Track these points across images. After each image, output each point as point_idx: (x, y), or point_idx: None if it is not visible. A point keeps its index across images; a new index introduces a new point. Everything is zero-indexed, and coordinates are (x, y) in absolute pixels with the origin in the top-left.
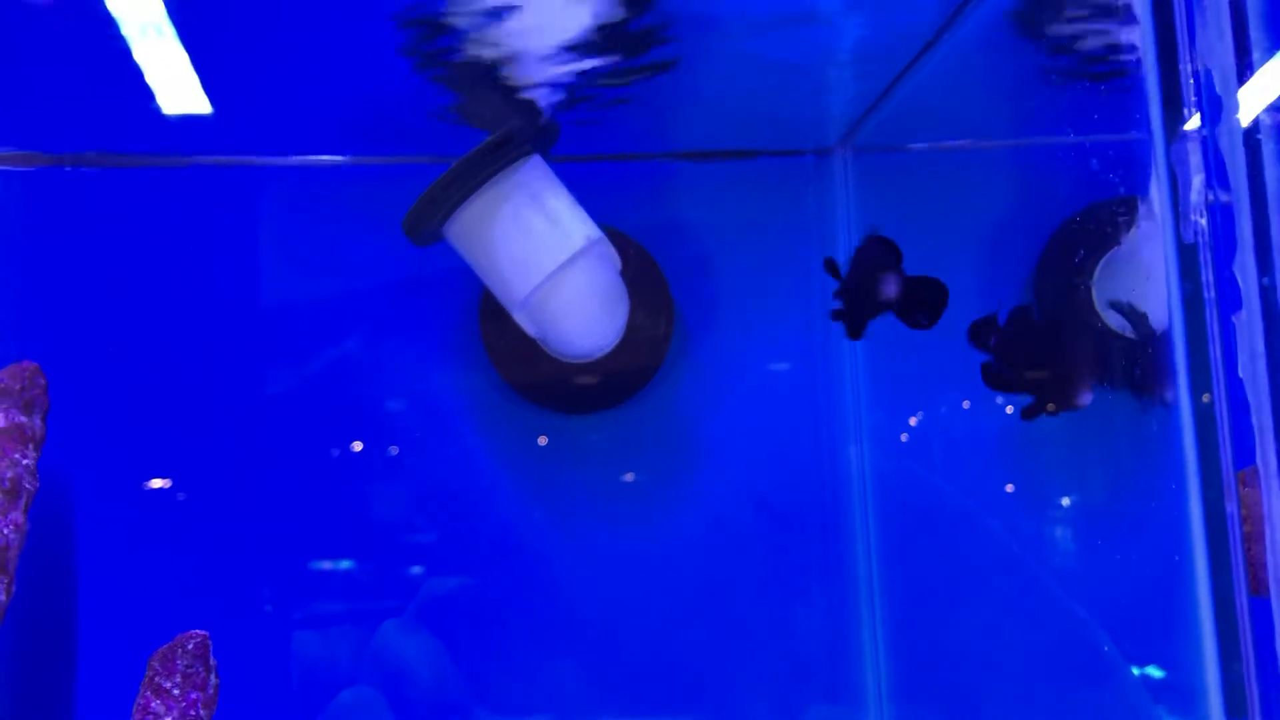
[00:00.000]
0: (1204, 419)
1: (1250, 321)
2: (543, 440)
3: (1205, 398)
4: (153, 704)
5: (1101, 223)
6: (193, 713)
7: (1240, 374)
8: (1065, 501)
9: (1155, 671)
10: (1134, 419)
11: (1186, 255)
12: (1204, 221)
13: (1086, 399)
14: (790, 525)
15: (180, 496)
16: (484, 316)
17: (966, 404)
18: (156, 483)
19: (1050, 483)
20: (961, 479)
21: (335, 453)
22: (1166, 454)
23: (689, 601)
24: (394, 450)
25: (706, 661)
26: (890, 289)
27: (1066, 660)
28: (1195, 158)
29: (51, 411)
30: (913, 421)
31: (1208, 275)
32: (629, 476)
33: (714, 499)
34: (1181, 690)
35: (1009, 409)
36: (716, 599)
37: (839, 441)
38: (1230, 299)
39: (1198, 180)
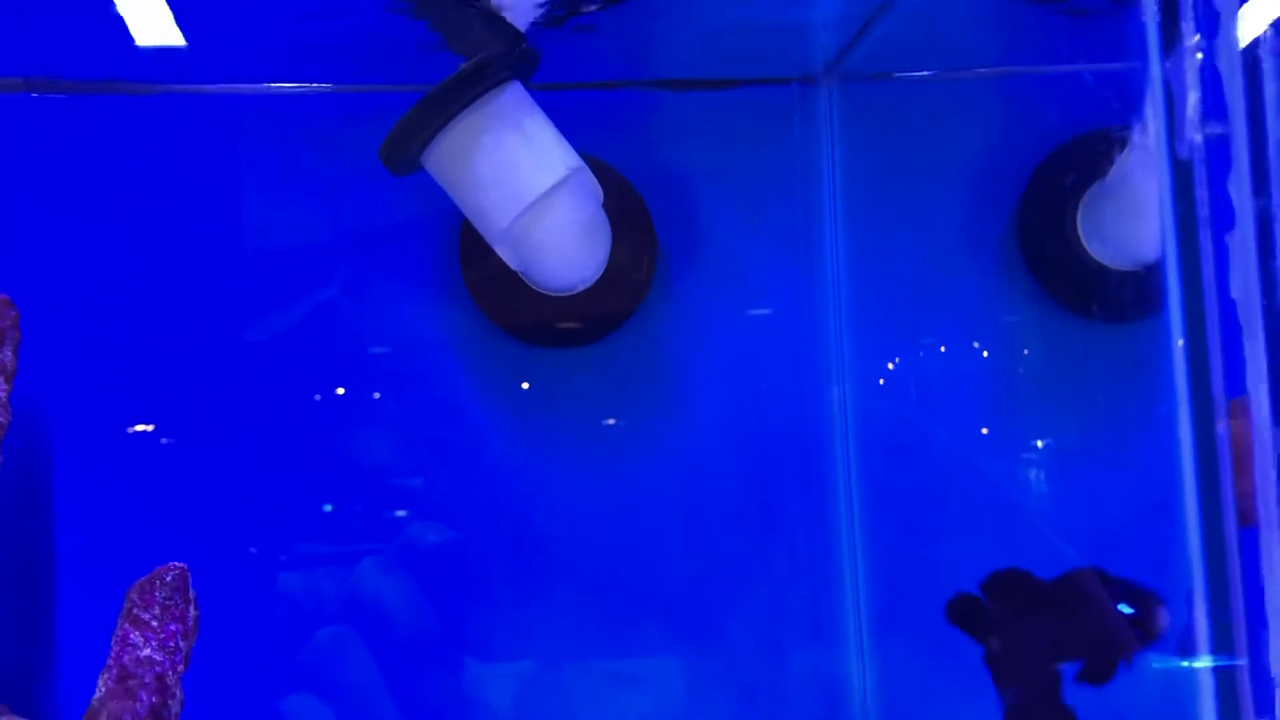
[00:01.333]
0: (1195, 343)
1: (1244, 241)
2: (525, 385)
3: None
4: (131, 635)
5: (1089, 153)
6: (171, 644)
7: (1233, 294)
8: (1047, 440)
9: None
10: (1120, 350)
11: (1181, 172)
12: (1199, 138)
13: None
14: (773, 465)
15: (164, 441)
16: (465, 251)
17: (943, 349)
18: (139, 427)
19: (1036, 419)
20: (945, 417)
21: (318, 397)
22: (1156, 381)
23: (670, 543)
24: (376, 395)
25: (688, 603)
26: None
27: None
28: (1192, 74)
29: (23, 345)
30: (892, 364)
31: (1202, 193)
32: (611, 421)
33: (697, 439)
34: (1172, 627)
35: (985, 353)
36: (698, 540)
37: (822, 380)
38: (1224, 218)
39: (1193, 97)
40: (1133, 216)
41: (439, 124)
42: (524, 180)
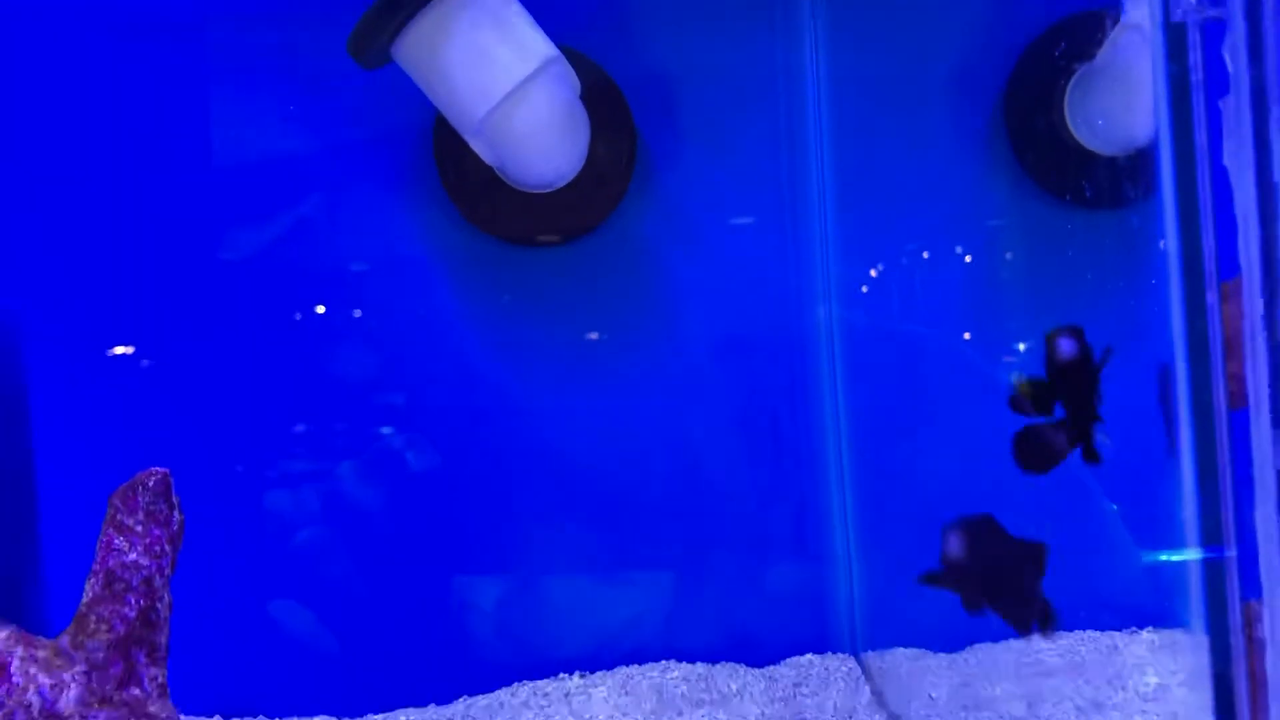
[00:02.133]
0: (1187, 217)
1: (1238, 106)
2: (507, 292)
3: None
4: (116, 541)
5: (1074, 37)
6: (157, 548)
7: (1225, 161)
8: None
9: (1127, 504)
10: (1107, 235)
11: (1174, 35)
12: (1194, 1)
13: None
14: (757, 374)
15: (144, 363)
16: (439, 149)
17: (926, 254)
18: (119, 348)
19: (1024, 315)
20: (932, 321)
21: (298, 315)
22: (1146, 264)
23: (656, 458)
24: (357, 313)
25: (674, 518)
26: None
27: (1042, 494)
28: None
29: None
30: (874, 272)
31: (1196, 57)
32: (594, 327)
33: (681, 347)
34: (1158, 521)
35: (968, 258)
36: (683, 452)
37: (806, 288)
38: (1218, 82)
39: None
40: (1122, 97)
41: (410, 12)
42: (499, 70)
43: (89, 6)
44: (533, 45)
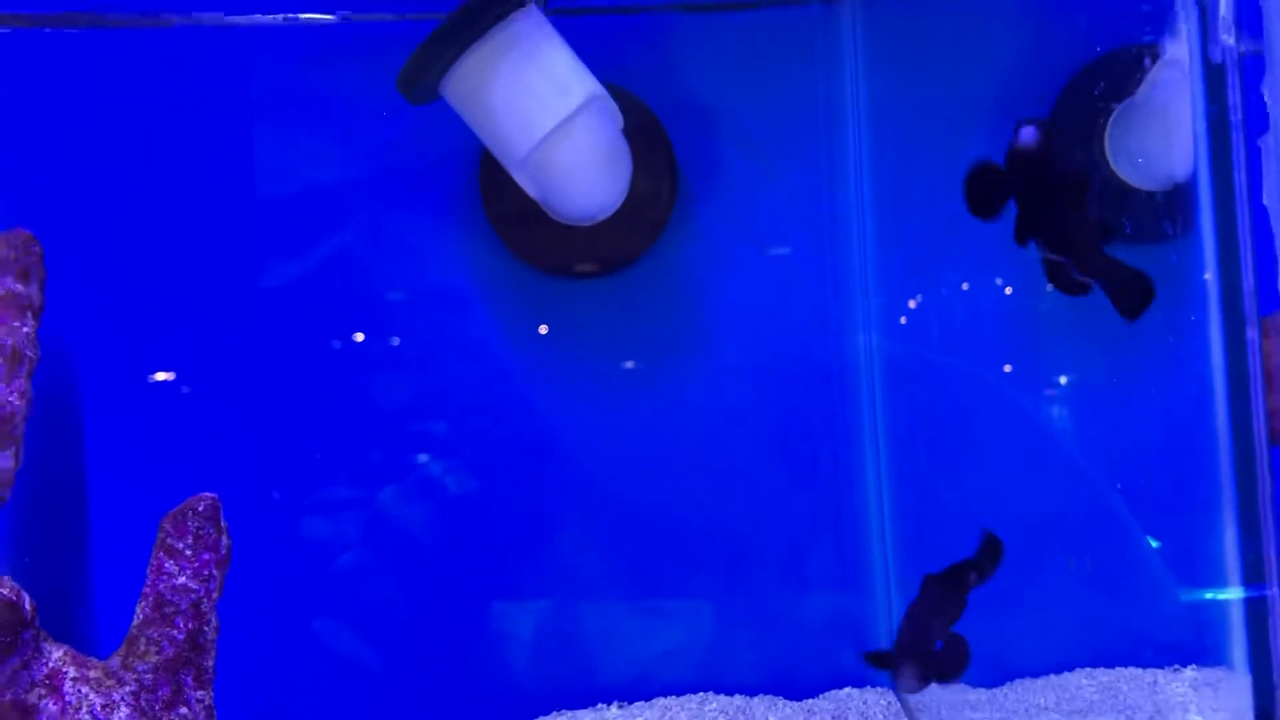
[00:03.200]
0: (1227, 253)
1: (1277, 144)
2: (546, 322)
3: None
4: (166, 564)
5: (1114, 72)
6: (206, 572)
7: (1265, 201)
8: (1073, 374)
9: (1168, 541)
10: (1149, 269)
11: (1213, 76)
12: (1231, 40)
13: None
14: (796, 404)
15: (185, 390)
16: (485, 182)
17: (965, 285)
18: (160, 371)
19: (1063, 350)
20: (972, 353)
21: (337, 344)
22: (1186, 300)
23: (694, 482)
24: (395, 341)
25: (712, 545)
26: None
27: (1079, 528)
28: None
29: (48, 283)
30: (915, 301)
31: (1235, 97)
32: (633, 357)
33: (720, 374)
34: (1199, 558)
35: (1008, 290)
36: (722, 482)
37: (845, 318)
38: (1257, 122)
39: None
40: (1162, 134)
41: (457, 50)
42: (544, 106)
43: (138, 43)
44: (576, 82)
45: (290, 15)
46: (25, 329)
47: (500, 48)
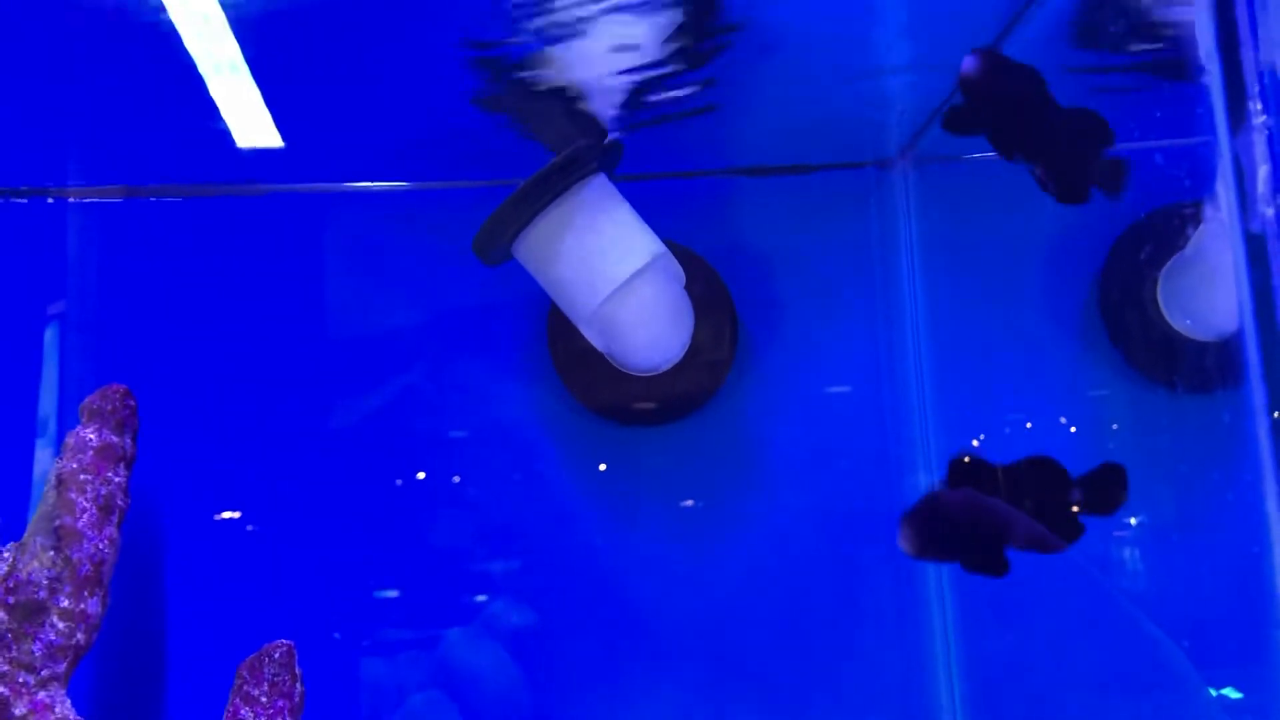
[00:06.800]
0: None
1: None
2: (602, 467)
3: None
4: (242, 711)
5: (1165, 227)
6: (280, 719)
7: None
8: (1140, 517)
9: (1232, 693)
10: (1205, 421)
11: (1255, 245)
12: (1271, 212)
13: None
14: (858, 546)
15: (250, 528)
16: (552, 331)
17: (1029, 425)
18: (227, 513)
19: (1133, 486)
20: None
21: (399, 482)
22: (1243, 452)
23: (756, 624)
24: (456, 479)
25: (776, 685)
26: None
27: (1142, 681)
28: (1260, 148)
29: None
30: (978, 441)
31: (1278, 265)
32: (694, 500)
33: (782, 518)
34: (1258, 712)
35: (1073, 429)
36: (785, 621)
37: (906, 459)
38: None
39: (1264, 170)
40: (1211, 288)
41: (530, 215)
42: (609, 266)
43: (224, 209)
44: (640, 243)
45: (369, 183)
46: (118, 479)
47: (570, 212)
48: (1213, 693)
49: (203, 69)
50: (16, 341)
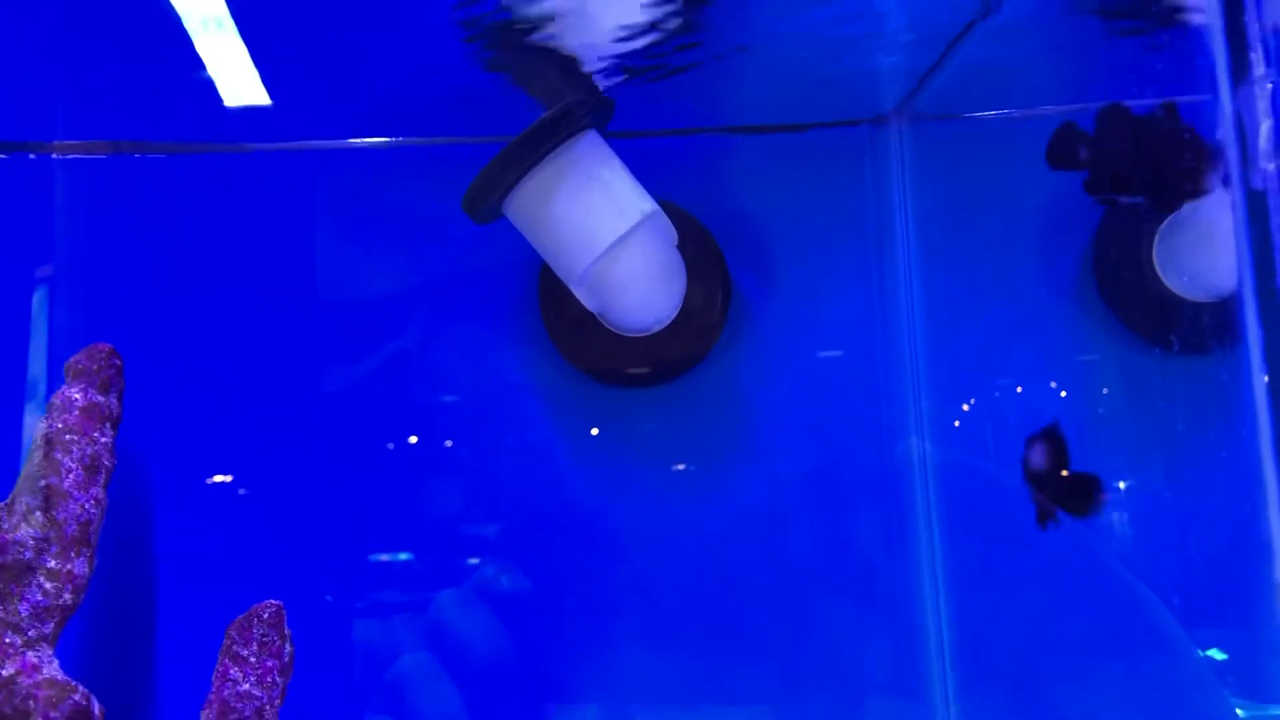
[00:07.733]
0: (1276, 374)
1: None
2: (600, 427)
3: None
4: (231, 671)
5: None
6: (269, 679)
7: None
8: (1130, 480)
9: (1219, 654)
10: (1200, 381)
11: (1255, 202)
12: (1272, 168)
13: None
14: (850, 510)
15: (241, 491)
16: (543, 293)
17: (1020, 389)
18: (219, 476)
19: (1118, 458)
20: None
21: (391, 445)
22: (1238, 412)
23: (748, 588)
24: (448, 443)
25: (766, 651)
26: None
27: (1132, 643)
28: (1263, 103)
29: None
30: (966, 407)
31: (1278, 222)
32: (681, 467)
33: (773, 481)
34: (1249, 672)
35: (1063, 394)
36: (776, 588)
37: (898, 423)
38: None
39: (1265, 126)
40: (1209, 247)
41: (520, 173)
42: (601, 225)
43: (210, 167)
44: (632, 202)
45: (358, 140)
46: (104, 439)
47: (561, 169)
48: (1201, 653)
49: (189, 25)
50: (1, 301)
